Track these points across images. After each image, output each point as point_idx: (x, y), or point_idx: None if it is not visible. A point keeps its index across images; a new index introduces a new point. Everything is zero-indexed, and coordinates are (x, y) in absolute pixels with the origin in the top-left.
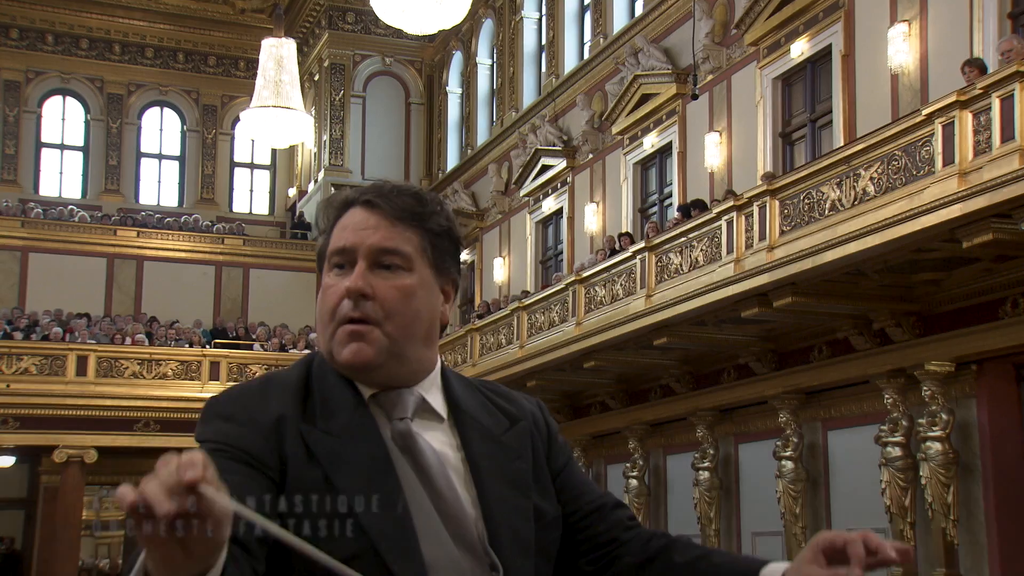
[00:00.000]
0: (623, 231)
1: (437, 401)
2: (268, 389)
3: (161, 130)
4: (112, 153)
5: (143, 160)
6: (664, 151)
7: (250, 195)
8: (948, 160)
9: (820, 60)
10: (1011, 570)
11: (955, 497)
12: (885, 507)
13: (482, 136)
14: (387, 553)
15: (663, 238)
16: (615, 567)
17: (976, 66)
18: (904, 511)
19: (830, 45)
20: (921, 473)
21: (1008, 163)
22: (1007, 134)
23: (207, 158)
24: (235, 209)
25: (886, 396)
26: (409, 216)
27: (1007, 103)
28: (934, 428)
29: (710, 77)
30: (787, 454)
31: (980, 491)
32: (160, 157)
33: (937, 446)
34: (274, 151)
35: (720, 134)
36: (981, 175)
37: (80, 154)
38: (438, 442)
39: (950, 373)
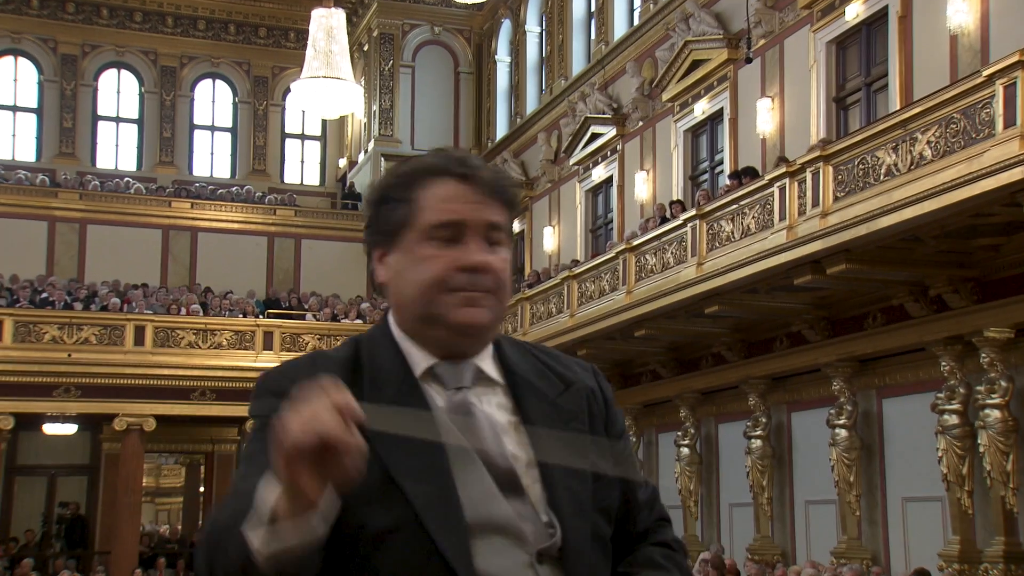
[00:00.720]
0: (674, 199)
1: (491, 368)
2: (317, 364)
3: (213, 102)
4: (166, 125)
5: (196, 132)
6: (715, 118)
7: (301, 166)
8: (1009, 122)
9: (876, 22)
10: None
11: (1015, 465)
12: (942, 475)
13: (531, 105)
14: (430, 523)
15: (714, 205)
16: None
17: None
18: (962, 479)
19: (886, 6)
20: (979, 441)
21: None
22: None
23: (258, 129)
24: (286, 180)
25: (943, 363)
26: (501, 191)
27: None
28: (993, 395)
29: (762, 42)
30: (841, 422)
31: None
32: (213, 129)
33: (996, 414)
34: (324, 122)
35: (772, 100)
36: None
37: (135, 127)
38: (494, 408)
39: (1009, 340)
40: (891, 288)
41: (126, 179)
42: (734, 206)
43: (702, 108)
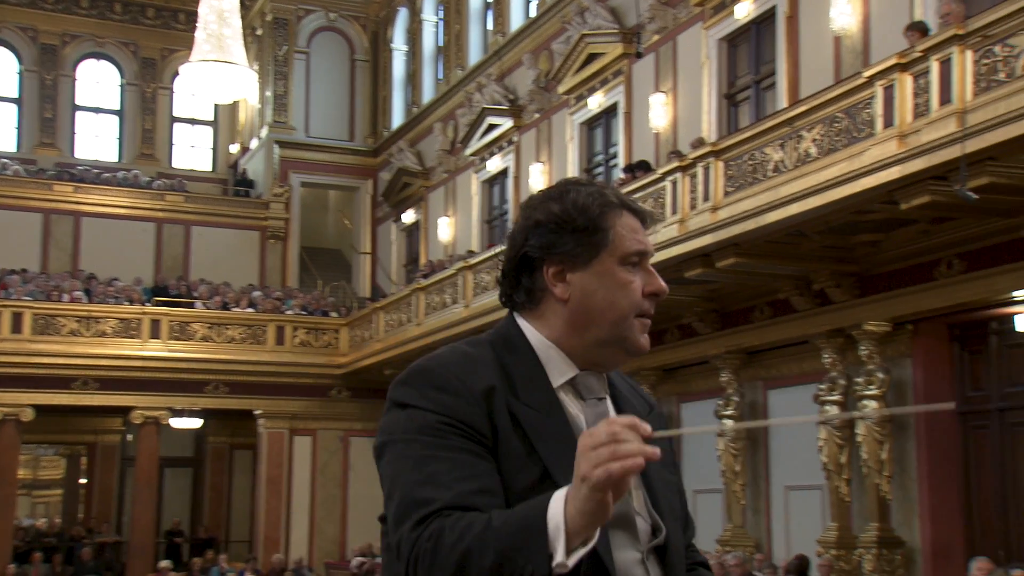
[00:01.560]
0: None
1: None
2: (470, 360)
3: (98, 83)
4: (47, 106)
5: (79, 113)
6: (610, 111)
7: (191, 151)
8: (888, 122)
9: (764, 21)
10: (940, 524)
11: (889, 454)
12: (822, 464)
13: (428, 94)
14: None
15: None
16: None
17: (918, 29)
18: (840, 468)
19: (775, 6)
20: (857, 431)
21: (945, 126)
22: (945, 97)
23: (147, 113)
24: (176, 165)
25: (825, 356)
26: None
27: (945, 66)
28: (870, 387)
29: (656, 37)
30: (728, 413)
31: (913, 448)
32: (98, 111)
33: (873, 404)
34: (216, 107)
35: (666, 95)
36: (919, 137)
37: (14, 106)
38: (611, 416)
39: (887, 333)
40: (778, 282)
41: (3, 160)
42: None
43: (597, 101)
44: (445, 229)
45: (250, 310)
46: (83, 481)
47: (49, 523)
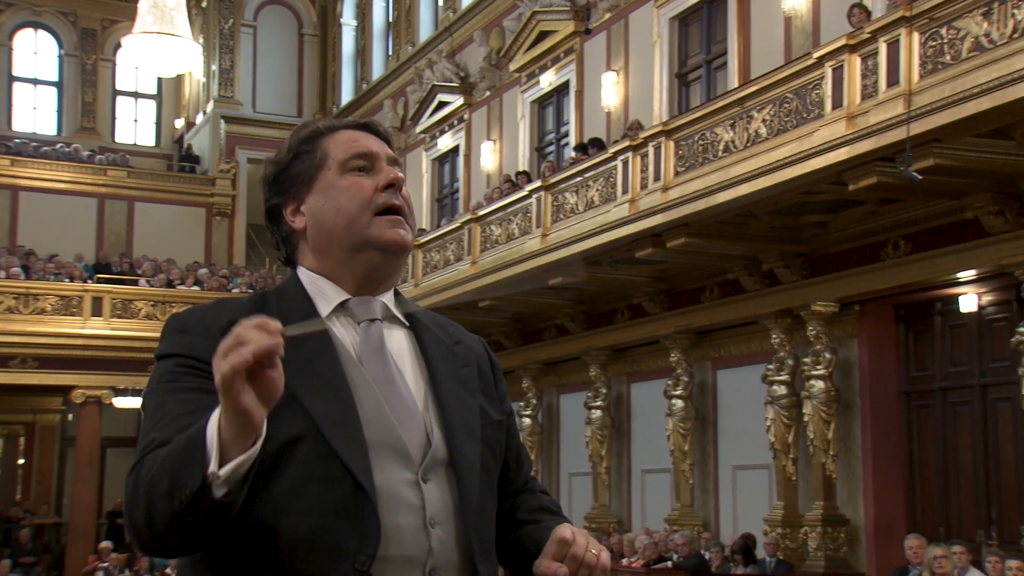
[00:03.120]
0: (520, 170)
1: (396, 309)
2: (222, 305)
3: (36, 53)
4: None
5: (16, 85)
6: (561, 89)
7: (135, 125)
8: (837, 103)
9: (716, 0)
10: (883, 502)
11: (835, 433)
12: (769, 444)
13: (378, 71)
14: (330, 434)
15: (559, 177)
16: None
17: (863, 10)
18: (787, 448)
19: None
20: (804, 411)
21: (893, 107)
22: (892, 79)
23: (87, 85)
24: (118, 140)
25: (773, 336)
26: (388, 138)
27: (892, 48)
28: (818, 367)
29: (608, 15)
30: (677, 393)
31: (858, 428)
32: (35, 82)
33: (820, 384)
34: (160, 80)
35: (617, 73)
36: (867, 119)
37: None
38: (399, 343)
39: (834, 313)
40: (727, 262)
41: None
42: (578, 178)
43: (549, 79)
44: None
45: (196, 288)
46: (21, 461)
47: None
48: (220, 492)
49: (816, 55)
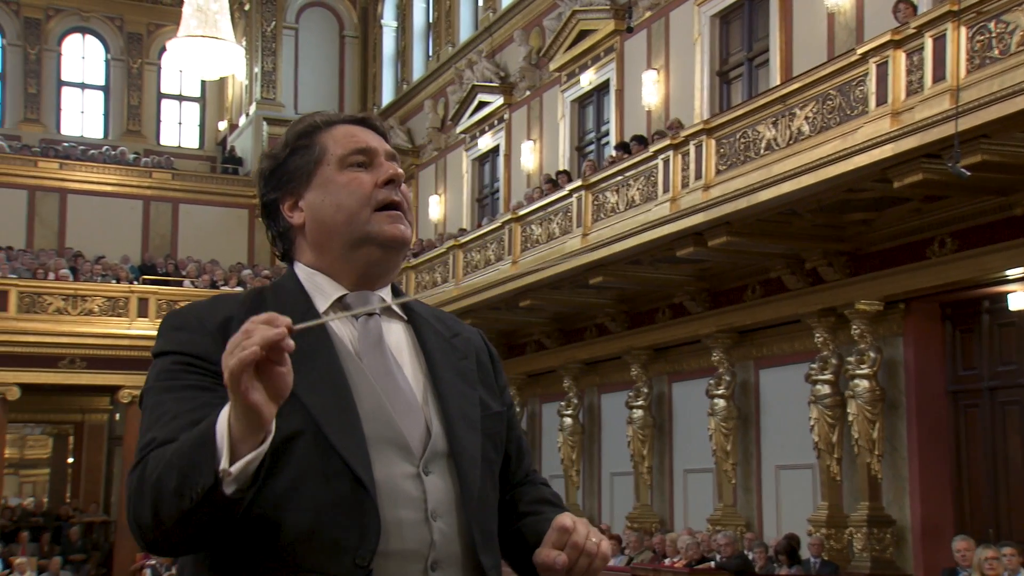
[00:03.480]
0: (560, 169)
1: (394, 303)
2: (218, 301)
3: (83, 58)
4: (31, 81)
5: (65, 89)
6: (601, 89)
7: (179, 128)
8: (881, 100)
9: None
10: (930, 502)
11: (880, 433)
12: (813, 444)
13: (418, 71)
14: (328, 429)
15: (599, 176)
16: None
17: (909, 4)
18: (831, 447)
19: None
20: (848, 410)
21: (939, 103)
22: (938, 74)
23: (133, 89)
24: (163, 142)
25: (816, 335)
26: (385, 134)
27: (939, 43)
28: (862, 366)
29: (648, 14)
30: (719, 392)
31: (904, 427)
32: (83, 86)
33: (864, 383)
34: (203, 83)
35: (658, 72)
36: (913, 115)
37: None
38: (397, 336)
39: (879, 312)
40: (769, 261)
41: None
42: (619, 177)
43: (589, 79)
44: (435, 207)
45: (239, 288)
46: (70, 460)
47: (36, 502)
48: (230, 489)
49: (860, 51)
